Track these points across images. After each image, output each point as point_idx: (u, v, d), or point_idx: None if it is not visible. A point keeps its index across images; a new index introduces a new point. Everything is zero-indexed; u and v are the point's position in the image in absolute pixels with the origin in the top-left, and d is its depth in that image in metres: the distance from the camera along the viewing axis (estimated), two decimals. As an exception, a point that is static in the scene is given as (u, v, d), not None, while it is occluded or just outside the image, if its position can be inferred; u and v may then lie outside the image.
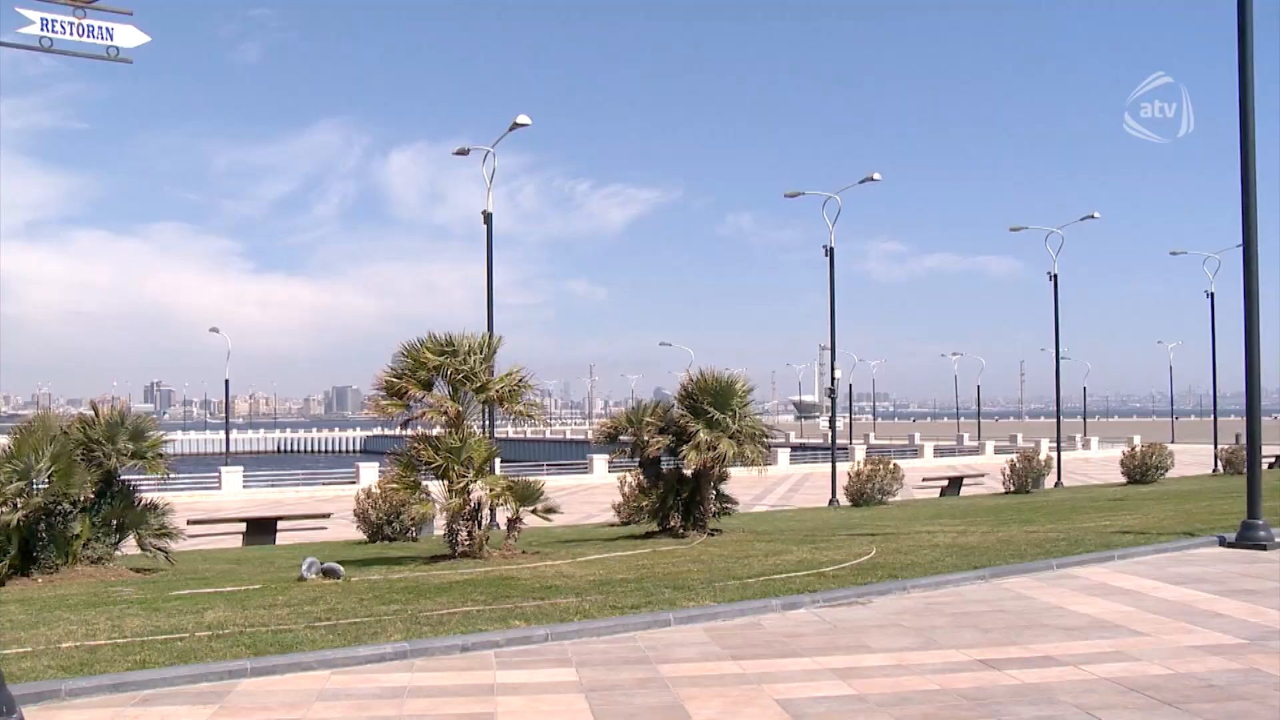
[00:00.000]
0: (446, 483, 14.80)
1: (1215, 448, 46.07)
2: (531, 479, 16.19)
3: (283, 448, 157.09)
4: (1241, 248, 14.56)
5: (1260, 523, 13.97)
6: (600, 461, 51.96)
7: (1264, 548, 13.62)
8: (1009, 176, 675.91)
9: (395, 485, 15.54)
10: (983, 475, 40.20)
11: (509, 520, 15.40)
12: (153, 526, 15.07)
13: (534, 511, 15.52)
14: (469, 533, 14.85)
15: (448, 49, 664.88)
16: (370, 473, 40.93)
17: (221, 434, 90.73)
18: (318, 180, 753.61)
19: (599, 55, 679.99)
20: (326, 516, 25.00)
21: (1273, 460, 45.38)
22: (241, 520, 24.41)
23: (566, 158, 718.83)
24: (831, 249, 34.93)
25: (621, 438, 18.41)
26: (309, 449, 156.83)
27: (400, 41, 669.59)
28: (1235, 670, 7.55)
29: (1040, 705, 6.74)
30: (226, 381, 67.76)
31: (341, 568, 12.97)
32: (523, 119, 27.04)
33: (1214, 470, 43.49)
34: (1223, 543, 14.10)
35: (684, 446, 16.97)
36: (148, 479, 15.84)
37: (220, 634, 8.85)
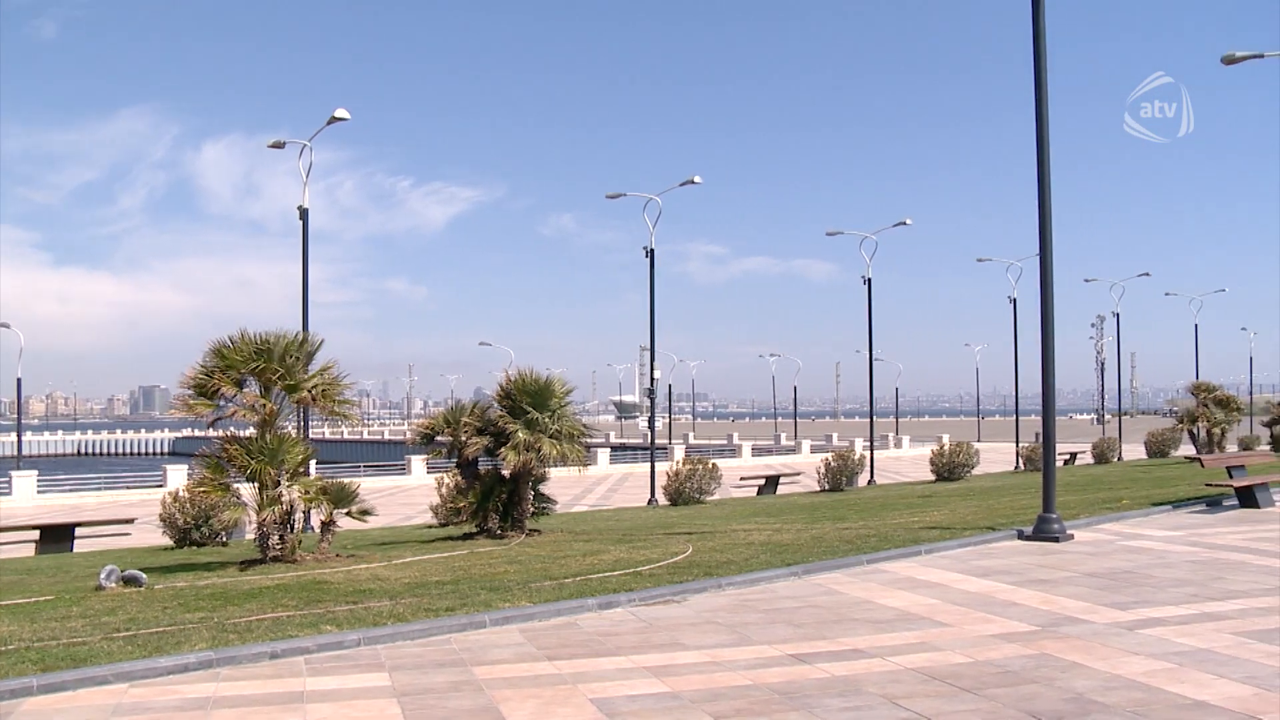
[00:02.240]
0: (258, 485, 14.36)
1: (1017, 446, 48.27)
2: (347, 480, 15.84)
3: (84, 450, 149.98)
4: (1039, 256, 15.28)
5: (1054, 516, 14.70)
6: (418, 462, 51.30)
7: (1057, 539, 14.35)
8: (827, 181, 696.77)
9: (204, 488, 14.95)
10: (799, 474, 41.16)
11: (323, 523, 15.03)
12: (-66, 535, 14.15)
13: (349, 514, 15.19)
14: (281, 536, 14.43)
15: (265, 37, 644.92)
16: (179, 475, 39.43)
17: (13, 436, 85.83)
18: (124, 170, 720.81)
19: (421, 50, 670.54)
20: (130, 522, 23.91)
21: (1067, 457, 47.93)
22: (34, 527, 23.06)
23: (387, 154, 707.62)
24: (652, 250, 35.21)
25: (439, 438, 18.20)
26: (113, 451, 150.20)
27: (214, 26, 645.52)
28: (1028, 656, 7.92)
29: (849, 697, 6.92)
30: (19, 380, 63.91)
31: (144, 575, 12.44)
32: (341, 113, 26.38)
33: (1016, 467, 45.50)
34: (1021, 536, 14.78)
35: (503, 447, 16.87)
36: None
37: (3, 650, 8.34)
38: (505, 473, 17.45)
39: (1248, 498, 18.62)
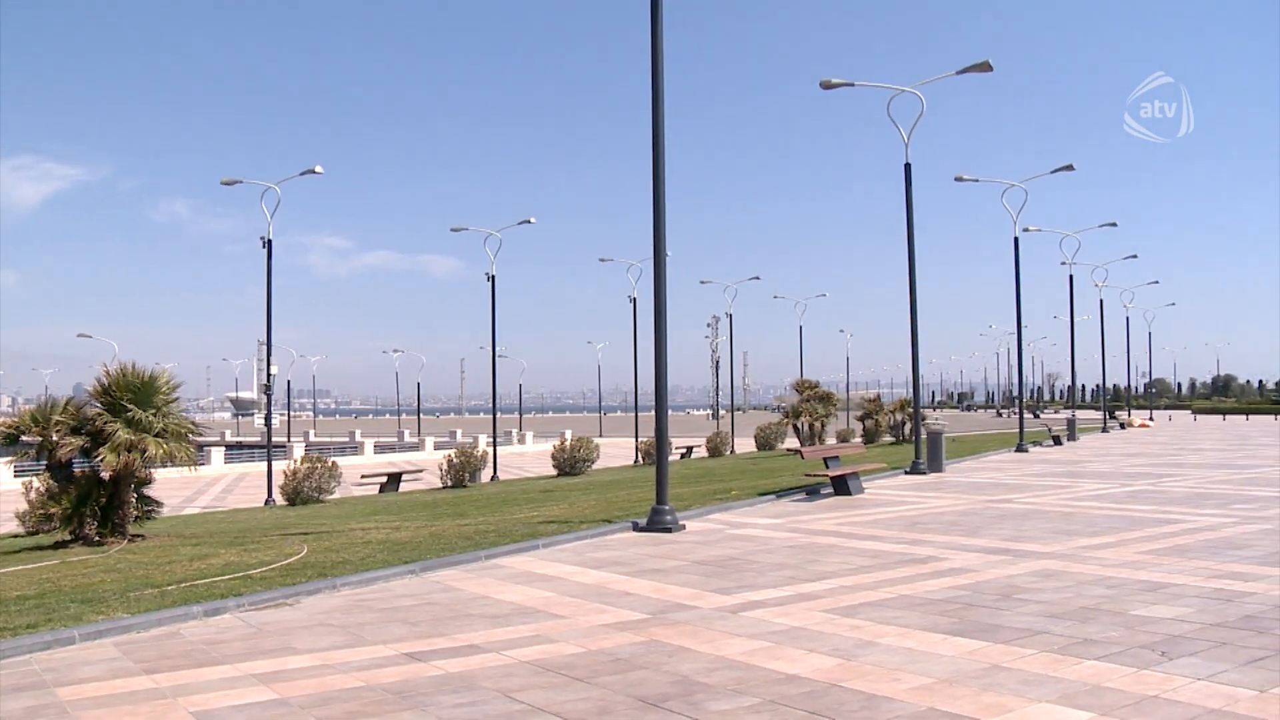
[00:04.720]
0: None
1: (636, 440, 50.15)
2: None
3: None
4: (653, 258, 15.88)
5: (666, 508, 15.34)
6: (3, 466, 46.86)
7: (670, 530, 14.98)
8: (453, 176, 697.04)
9: None
10: (422, 471, 40.88)
11: (-121, 536, 13.39)
12: None
13: (-86, 524, 13.63)
14: None
15: None
16: None
17: None
18: None
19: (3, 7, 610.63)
20: None
21: (684, 451, 50.39)
22: None
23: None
24: (269, 241, 33.88)
25: (25, 438, 16.67)
26: None
27: None
28: (639, 643, 8.19)
29: (462, 693, 6.88)
30: None
31: None
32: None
33: (635, 462, 47.25)
34: (636, 528, 15.30)
35: (101, 448, 15.67)
36: None
37: None
38: (105, 474, 16.23)
39: (841, 486, 20.30)
